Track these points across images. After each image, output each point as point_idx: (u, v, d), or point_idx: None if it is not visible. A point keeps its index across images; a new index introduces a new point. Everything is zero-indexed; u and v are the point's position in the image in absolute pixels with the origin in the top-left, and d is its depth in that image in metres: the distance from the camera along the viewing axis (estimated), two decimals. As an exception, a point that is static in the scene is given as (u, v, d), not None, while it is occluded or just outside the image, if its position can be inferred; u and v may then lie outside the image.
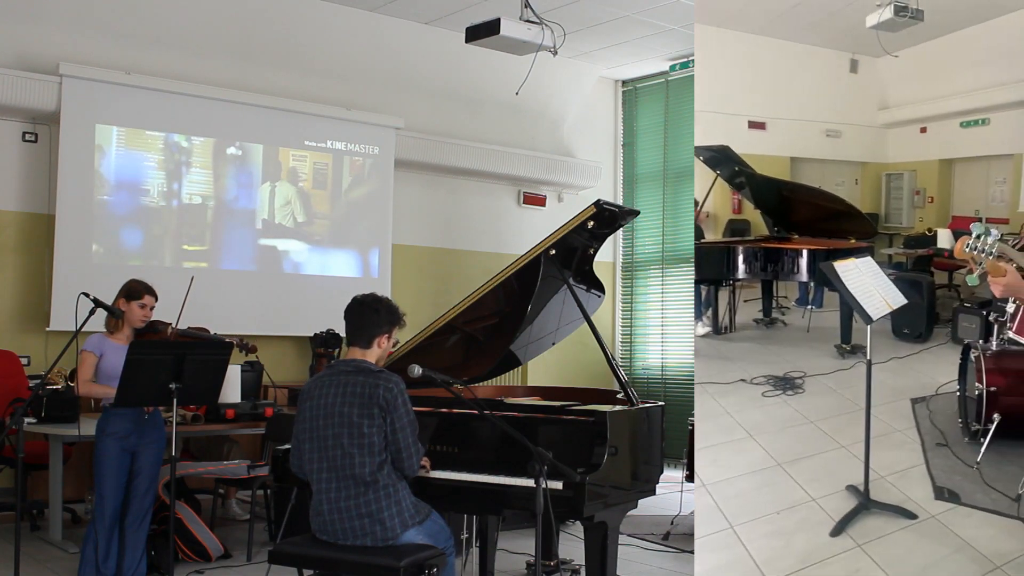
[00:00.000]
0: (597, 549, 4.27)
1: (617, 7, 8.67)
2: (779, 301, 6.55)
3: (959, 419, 5.10)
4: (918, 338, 5.75)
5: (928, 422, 5.15)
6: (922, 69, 5.42)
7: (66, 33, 7.78)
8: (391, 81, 9.35)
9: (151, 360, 4.81)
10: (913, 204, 5.83)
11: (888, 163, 5.79)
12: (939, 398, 5.33)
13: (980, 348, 4.95)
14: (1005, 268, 3.53)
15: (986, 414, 4.80)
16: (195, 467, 6.55)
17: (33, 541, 6.40)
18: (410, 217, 9.66)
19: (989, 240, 3.45)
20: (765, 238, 5.94)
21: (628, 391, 4.59)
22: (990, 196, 5.31)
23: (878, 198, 5.93)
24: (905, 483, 4.64)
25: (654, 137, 10.91)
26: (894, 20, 4.89)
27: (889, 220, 5.95)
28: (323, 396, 4.01)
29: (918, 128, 5.62)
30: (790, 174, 5.39)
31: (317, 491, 4.02)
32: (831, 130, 5.77)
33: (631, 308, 11.08)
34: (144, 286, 5.20)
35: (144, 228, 8.07)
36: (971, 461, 4.73)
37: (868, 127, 5.55)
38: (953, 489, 4.57)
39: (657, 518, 6.97)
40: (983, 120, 5.13)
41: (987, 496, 4.48)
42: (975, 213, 5.49)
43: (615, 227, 5.03)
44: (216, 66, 8.45)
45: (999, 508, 4.39)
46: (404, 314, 4.25)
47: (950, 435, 5.05)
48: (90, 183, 7.80)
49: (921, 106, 5.52)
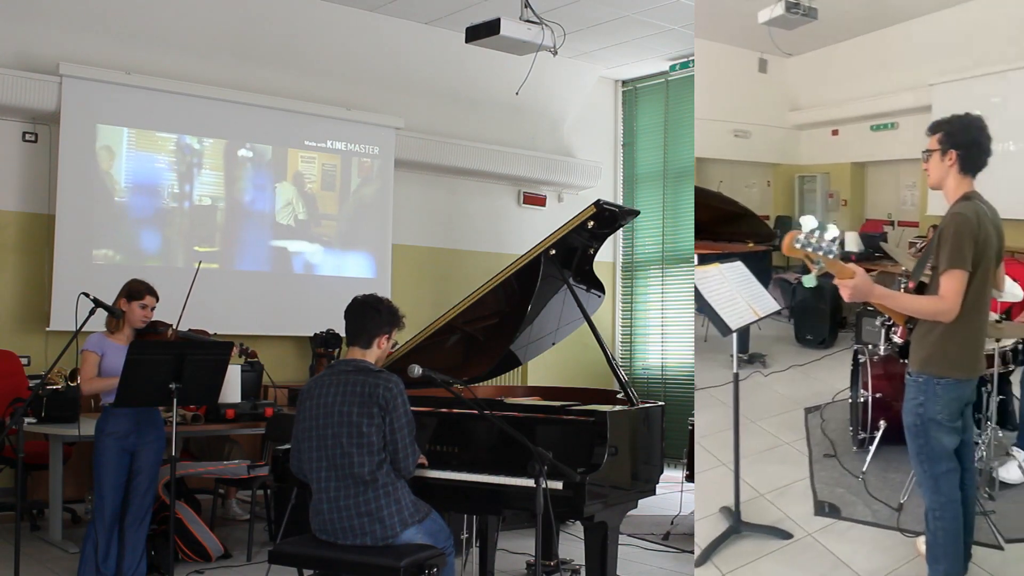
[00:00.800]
0: (597, 549, 4.27)
1: (617, 7, 8.68)
2: None
3: (850, 427, 4.95)
4: (821, 344, 5.60)
5: (819, 432, 5.00)
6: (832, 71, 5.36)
7: (66, 33, 7.79)
8: (391, 81, 9.36)
9: (151, 360, 4.81)
10: (827, 207, 5.74)
11: (801, 165, 5.70)
12: (834, 406, 5.17)
13: (868, 353, 4.79)
14: (852, 269, 3.47)
15: (872, 421, 4.67)
16: (195, 467, 6.55)
17: (33, 541, 6.40)
18: (410, 217, 9.66)
19: (827, 237, 3.35)
20: None
21: (628, 391, 4.59)
22: (901, 200, 5.26)
23: (791, 200, 5.83)
24: (786, 500, 4.52)
25: (654, 137, 10.91)
26: (786, 17, 4.81)
27: None
28: (323, 395, 4.02)
29: (830, 130, 5.56)
30: (695, 175, 5.27)
31: (317, 490, 4.02)
32: (739, 130, 5.65)
33: (631, 308, 11.08)
34: (145, 286, 5.20)
35: (143, 228, 8.06)
36: (857, 471, 4.62)
37: (779, 128, 5.45)
38: (834, 503, 4.47)
39: (657, 518, 6.97)
40: (892, 124, 5.09)
41: (868, 508, 4.39)
42: (887, 216, 5.43)
43: (615, 227, 5.03)
44: (216, 66, 8.45)
45: (880, 520, 4.31)
46: (403, 316, 4.26)
47: (840, 445, 4.91)
48: (90, 183, 7.80)
49: (832, 108, 5.45)
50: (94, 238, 7.82)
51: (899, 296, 3.65)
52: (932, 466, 3.60)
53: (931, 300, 3.52)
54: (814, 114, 5.49)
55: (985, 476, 4.22)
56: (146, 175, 8.09)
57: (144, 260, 8.01)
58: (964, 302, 3.45)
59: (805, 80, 5.45)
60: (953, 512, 3.61)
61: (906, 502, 4.24)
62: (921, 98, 4.72)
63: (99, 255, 7.83)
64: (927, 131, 3.70)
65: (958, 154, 3.59)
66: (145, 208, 8.09)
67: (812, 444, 4.90)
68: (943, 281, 3.45)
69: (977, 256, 3.46)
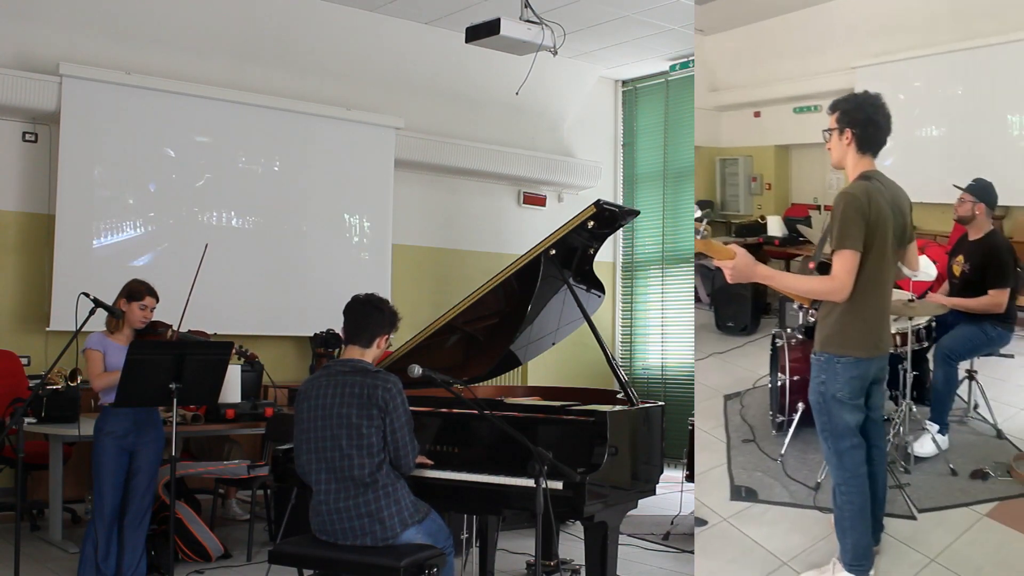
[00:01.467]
0: (597, 549, 4.27)
1: (617, 7, 8.67)
2: None
3: (769, 412, 4.96)
4: (743, 331, 5.57)
5: (739, 418, 4.96)
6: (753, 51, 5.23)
7: (66, 33, 7.79)
8: (391, 81, 9.36)
9: (151, 360, 4.80)
10: (750, 191, 5.64)
11: (722, 147, 5.58)
12: (755, 392, 5.12)
13: (785, 337, 4.79)
14: (732, 250, 3.46)
15: (790, 404, 4.69)
16: (195, 467, 6.55)
17: (33, 541, 6.40)
18: (410, 217, 9.66)
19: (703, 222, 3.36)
20: None
21: (628, 391, 4.59)
22: (827, 184, 5.18)
23: (713, 184, 5.72)
24: (701, 487, 4.51)
25: (654, 137, 10.91)
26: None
27: (726, 208, 5.68)
28: (321, 397, 4.02)
29: (751, 112, 5.44)
30: None
31: (316, 491, 4.03)
32: None
33: (631, 308, 11.08)
34: (145, 287, 5.20)
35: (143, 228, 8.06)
36: (776, 455, 4.62)
37: (700, 109, 5.32)
38: (751, 487, 4.46)
39: (657, 518, 6.97)
40: (815, 107, 4.99)
41: (786, 489, 4.39)
42: (813, 200, 5.34)
43: (615, 227, 5.03)
44: (216, 66, 8.45)
45: (797, 500, 4.32)
46: (400, 317, 4.29)
47: (759, 430, 4.90)
48: (90, 183, 7.80)
49: (754, 90, 5.31)
50: (94, 238, 7.82)
51: (785, 276, 3.69)
52: (836, 442, 3.66)
53: (821, 280, 3.53)
54: (735, 95, 5.35)
55: (901, 451, 4.27)
56: (146, 175, 8.09)
57: (144, 260, 8.00)
58: (859, 281, 3.45)
59: (725, 60, 5.32)
60: (858, 486, 3.68)
61: (823, 481, 4.27)
62: (845, 81, 4.65)
63: (99, 255, 7.82)
64: (827, 109, 3.70)
65: (854, 133, 3.60)
66: (145, 208, 8.08)
67: (731, 431, 4.89)
68: (834, 260, 3.45)
69: (869, 236, 3.46)
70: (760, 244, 5.38)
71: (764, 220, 5.44)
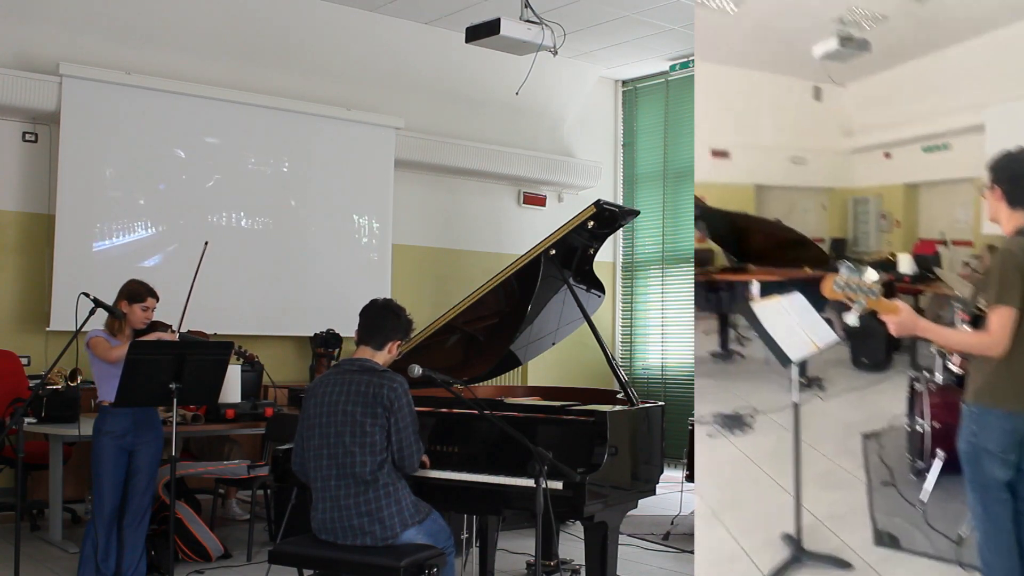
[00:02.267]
0: (597, 549, 4.27)
1: (617, 7, 8.68)
2: (739, 332, 6.45)
3: (907, 455, 4.91)
4: (877, 368, 5.62)
5: (877, 458, 4.93)
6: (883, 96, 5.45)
7: (66, 33, 7.79)
8: (391, 81, 9.36)
9: (151, 360, 4.80)
10: (879, 228, 5.83)
11: (854, 188, 5.82)
12: (891, 432, 5.10)
13: (924, 381, 4.76)
14: (897, 304, 3.50)
15: (930, 451, 4.63)
16: (195, 467, 6.55)
17: (33, 541, 6.40)
18: (410, 217, 9.66)
19: (867, 280, 3.40)
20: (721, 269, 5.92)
21: (628, 391, 4.59)
22: (954, 219, 5.32)
23: (845, 223, 5.93)
24: (845, 528, 4.48)
25: (654, 137, 10.91)
26: (840, 51, 4.97)
27: (857, 245, 5.94)
28: (328, 394, 4.03)
29: (882, 153, 5.64)
30: (755, 201, 5.38)
31: (318, 489, 4.03)
32: (796, 157, 5.77)
33: (631, 308, 11.08)
34: (146, 288, 5.19)
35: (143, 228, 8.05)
36: (915, 501, 4.56)
37: (833, 153, 5.58)
38: (893, 533, 4.43)
39: (657, 518, 6.97)
40: (944, 145, 5.18)
41: (927, 539, 4.35)
42: (940, 235, 5.47)
43: (615, 227, 5.04)
44: (216, 66, 8.45)
45: (939, 553, 4.26)
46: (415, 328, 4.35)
47: (898, 472, 4.86)
48: (90, 183, 7.80)
49: (884, 132, 5.53)
50: (94, 238, 7.82)
51: (945, 331, 3.69)
52: (983, 494, 3.61)
53: (978, 335, 3.55)
54: (867, 138, 5.62)
55: None
56: (145, 175, 8.09)
57: (144, 260, 8.00)
58: (1016, 336, 3.47)
59: (858, 106, 5.60)
60: (1004, 543, 3.60)
61: (967, 536, 4.19)
62: (973, 119, 4.83)
63: (99, 255, 7.82)
64: None
65: (1003, 188, 3.66)
66: (145, 209, 8.08)
67: (870, 471, 4.90)
68: (990, 316, 3.48)
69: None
70: (891, 281, 5.52)
71: (894, 257, 5.59)
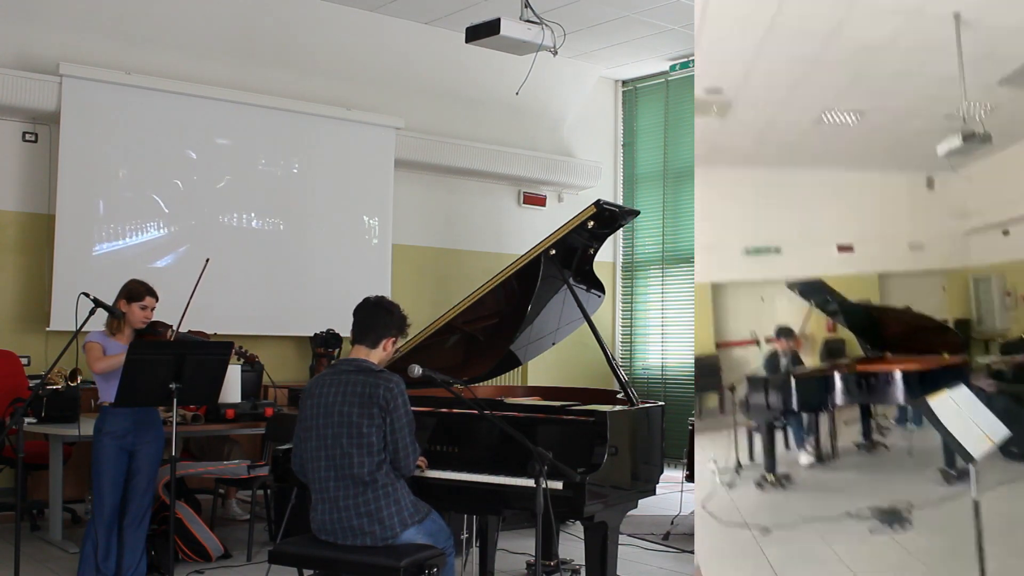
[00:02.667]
0: (597, 549, 4.27)
1: (617, 7, 8.67)
2: (879, 422, 6.54)
3: None
4: None
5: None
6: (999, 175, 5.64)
7: (66, 33, 7.79)
8: (391, 81, 9.36)
9: (151, 360, 4.80)
10: (1005, 306, 5.91)
11: (973, 267, 6.00)
12: None
13: None
14: None
15: None
16: (195, 467, 6.55)
17: (33, 541, 6.40)
18: (410, 217, 9.66)
19: None
20: (859, 360, 6.02)
21: (628, 391, 4.59)
22: None
23: (967, 304, 6.06)
24: None
25: (654, 137, 10.91)
26: (964, 147, 5.04)
27: (982, 324, 6.04)
28: (324, 395, 4.02)
29: (1000, 231, 5.80)
30: (879, 290, 5.60)
31: (316, 490, 4.03)
32: (914, 243, 5.97)
33: (631, 308, 11.08)
34: (145, 287, 5.19)
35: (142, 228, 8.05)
36: None
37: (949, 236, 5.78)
38: None
39: (657, 518, 6.97)
40: None
41: None
42: None
43: (615, 227, 5.03)
44: (216, 66, 8.45)
45: None
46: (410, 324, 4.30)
47: None
48: (90, 183, 7.79)
49: (1002, 210, 5.71)
50: (94, 238, 7.82)
51: None
52: None
53: None
54: (984, 218, 5.82)
55: None
56: (145, 175, 8.09)
57: (144, 260, 8.00)
58: None
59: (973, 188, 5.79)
60: None
61: None
62: None
63: (99, 255, 7.82)
64: None
65: None
66: (145, 208, 8.08)
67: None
68: None
69: None
70: None
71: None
